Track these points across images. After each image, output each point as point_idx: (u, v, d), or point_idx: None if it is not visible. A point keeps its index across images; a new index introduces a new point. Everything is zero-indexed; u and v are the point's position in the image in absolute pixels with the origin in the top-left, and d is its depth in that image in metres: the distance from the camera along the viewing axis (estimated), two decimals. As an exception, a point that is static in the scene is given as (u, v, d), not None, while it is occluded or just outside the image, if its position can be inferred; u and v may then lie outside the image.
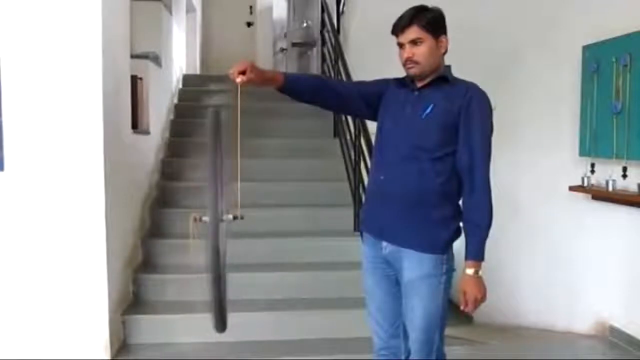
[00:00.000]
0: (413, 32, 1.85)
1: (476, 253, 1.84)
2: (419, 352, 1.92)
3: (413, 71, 1.89)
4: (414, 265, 1.89)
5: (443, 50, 1.91)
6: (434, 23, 1.87)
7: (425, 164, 1.87)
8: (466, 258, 1.85)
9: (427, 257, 1.87)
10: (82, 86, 2.72)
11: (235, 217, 1.77)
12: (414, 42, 1.85)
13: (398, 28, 1.88)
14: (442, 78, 1.91)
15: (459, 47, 1.96)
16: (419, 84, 1.93)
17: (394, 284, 1.98)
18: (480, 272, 1.85)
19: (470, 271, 1.84)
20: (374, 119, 2.08)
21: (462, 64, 2.00)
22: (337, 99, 2.08)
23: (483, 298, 1.86)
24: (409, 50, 1.86)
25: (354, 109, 2.21)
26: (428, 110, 1.88)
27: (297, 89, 2.01)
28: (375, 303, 2.05)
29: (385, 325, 2.03)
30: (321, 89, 2.08)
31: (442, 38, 1.89)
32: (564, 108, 4.13)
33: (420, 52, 1.85)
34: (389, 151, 1.95)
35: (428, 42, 1.85)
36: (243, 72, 1.81)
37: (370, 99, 2.05)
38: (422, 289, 1.89)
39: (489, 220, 1.85)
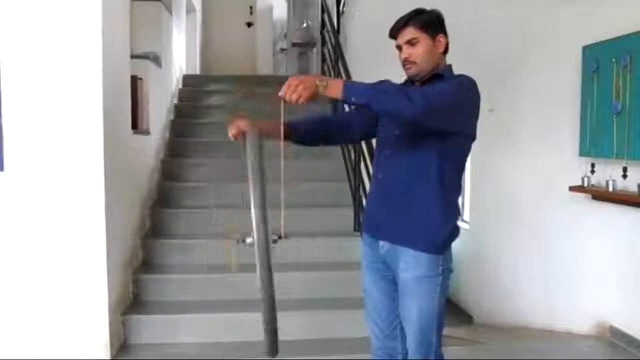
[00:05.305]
0: (408, 33, 1.88)
1: (351, 85, 1.68)
2: (416, 352, 1.93)
3: (411, 71, 1.91)
4: (410, 265, 1.88)
5: (441, 50, 1.91)
6: (429, 23, 1.88)
7: (420, 163, 1.87)
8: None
9: (424, 256, 1.87)
10: (82, 86, 2.72)
11: (279, 237, 1.70)
12: (410, 43, 1.87)
13: (395, 30, 1.91)
14: (438, 75, 1.90)
15: (459, 47, 1.96)
16: (418, 84, 1.93)
17: (391, 284, 1.98)
18: (323, 86, 1.64)
19: (321, 82, 1.64)
20: None
21: (461, 64, 2.00)
22: (341, 127, 2.16)
23: (300, 88, 1.65)
24: (405, 51, 1.89)
25: (363, 126, 2.13)
26: None
27: (306, 129, 2.09)
28: (373, 303, 2.06)
29: (382, 326, 2.04)
30: (324, 122, 2.20)
31: (440, 37, 1.90)
32: (564, 108, 4.12)
33: (417, 53, 1.87)
34: (387, 151, 1.98)
35: (424, 42, 1.87)
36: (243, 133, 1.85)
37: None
38: (417, 289, 1.88)
39: (387, 101, 1.67)
